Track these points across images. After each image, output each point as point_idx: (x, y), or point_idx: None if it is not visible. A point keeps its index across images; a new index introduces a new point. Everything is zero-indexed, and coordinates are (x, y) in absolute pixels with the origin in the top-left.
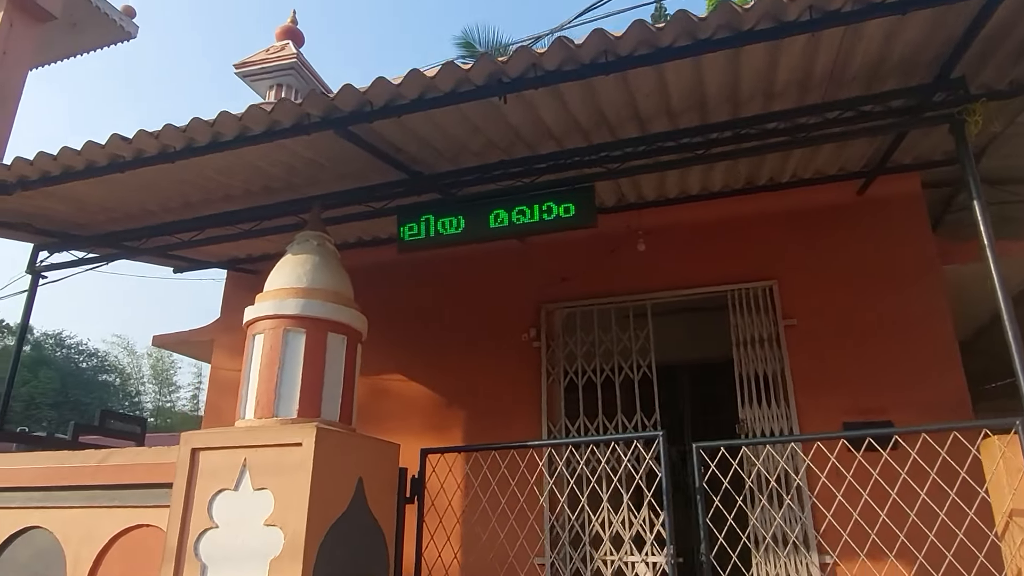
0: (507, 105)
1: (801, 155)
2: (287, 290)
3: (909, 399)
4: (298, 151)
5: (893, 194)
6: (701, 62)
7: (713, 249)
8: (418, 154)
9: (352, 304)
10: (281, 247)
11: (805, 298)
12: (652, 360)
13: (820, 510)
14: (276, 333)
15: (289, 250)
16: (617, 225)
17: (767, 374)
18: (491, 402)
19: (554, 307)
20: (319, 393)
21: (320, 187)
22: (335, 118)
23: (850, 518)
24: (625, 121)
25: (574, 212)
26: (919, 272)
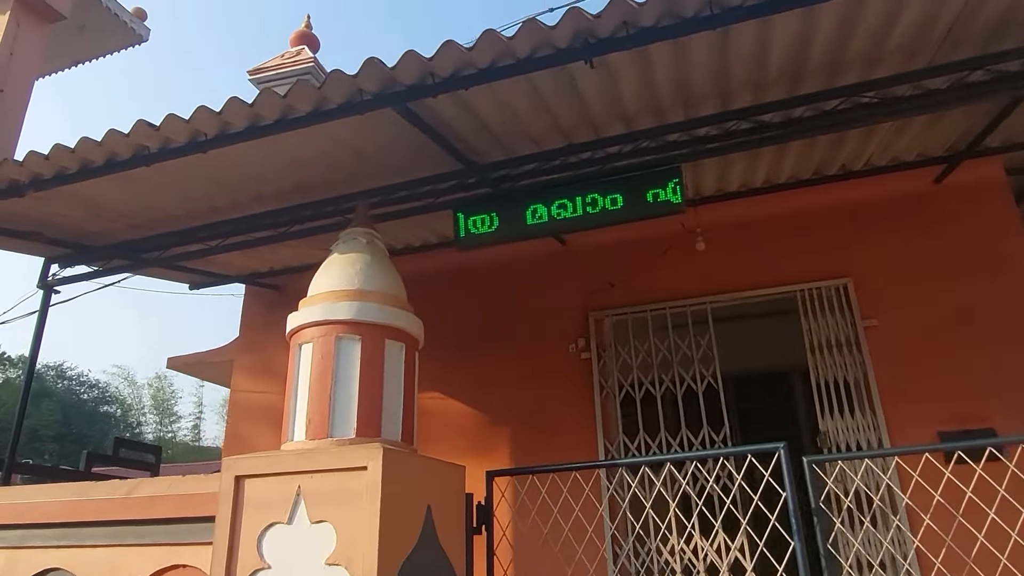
0: (583, 77)
1: (883, 137)
2: (337, 292)
3: (1010, 402)
4: (342, 138)
5: (974, 181)
6: (814, 13)
7: (778, 246)
8: (474, 140)
9: (408, 307)
10: (309, 257)
11: (884, 296)
12: (717, 369)
13: (917, 529)
14: (327, 341)
15: (335, 249)
16: (670, 223)
17: (848, 381)
18: (539, 420)
19: (603, 315)
20: (379, 409)
21: (358, 184)
22: (392, 93)
23: (944, 542)
24: (708, 96)
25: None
26: (1010, 264)
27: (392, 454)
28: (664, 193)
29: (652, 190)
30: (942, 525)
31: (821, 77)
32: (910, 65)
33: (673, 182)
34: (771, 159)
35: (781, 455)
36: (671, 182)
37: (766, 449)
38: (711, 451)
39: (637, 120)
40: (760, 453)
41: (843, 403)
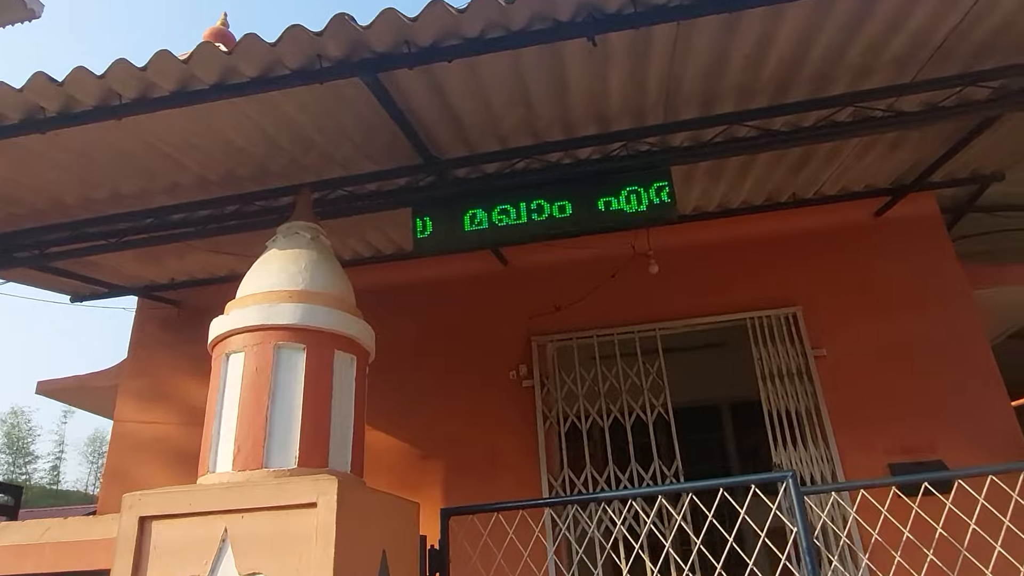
0: (574, 63)
1: (844, 161)
2: (278, 293)
3: (957, 433)
4: (287, 118)
5: (912, 216)
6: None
7: (728, 273)
8: (440, 131)
9: (359, 314)
10: (221, 267)
11: (832, 326)
12: (667, 399)
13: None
14: (263, 351)
15: (273, 245)
16: (618, 245)
17: (799, 411)
18: (476, 453)
19: (546, 340)
20: (326, 433)
21: (297, 175)
22: (361, 60)
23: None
24: (694, 98)
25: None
26: (950, 296)
27: (348, 488)
28: (633, 200)
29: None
30: (904, 558)
31: (809, 86)
32: (899, 79)
33: (656, 186)
34: (731, 179)
35: (790, 485)
36: (655, 185)
37: (772, 479)
38: (711, 482)
39: (616, 121)
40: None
41: (796, 434)
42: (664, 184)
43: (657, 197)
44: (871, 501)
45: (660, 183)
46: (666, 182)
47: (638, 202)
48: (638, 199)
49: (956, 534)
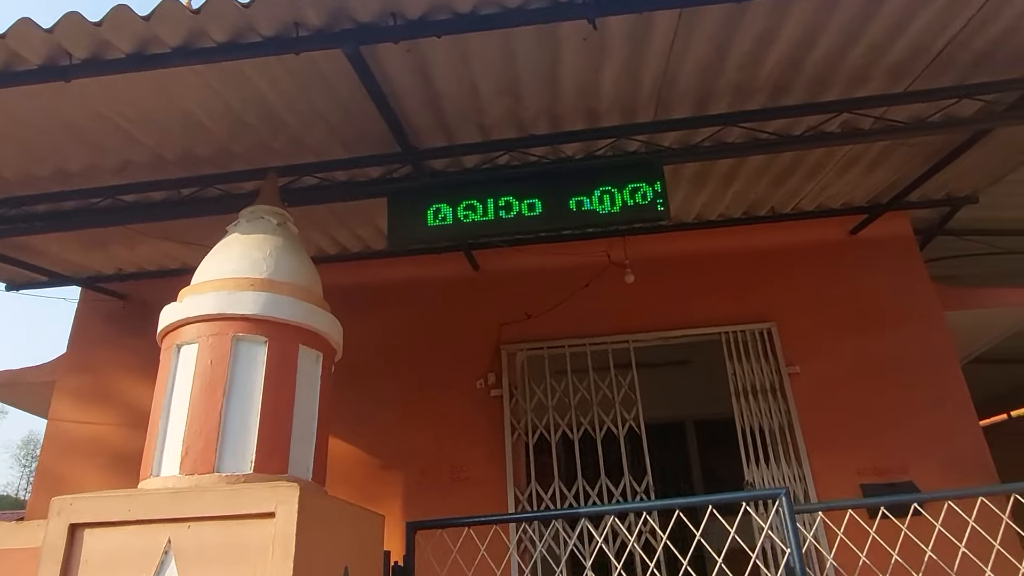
0: (570, 48)
1: (825, 177)
2: (238, 280)
3: (928, 454)
4: (257, 93)
5: (885, 235)
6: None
7: (703, 286)
8: (421, 117)
9: (327, 306)
10: (172, 259)
11: (806, 343)
12: (640, 412)
13: None
14: (220, 342)
15: (235, 230)
16: (593, 253)
17: (773, 429)
18: (441, 464)
19: (516, 348)
20: (287, 435)
21: (263, 158)
22: (342, 31)
23: None
24: (688, 93)
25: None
26: (923, 317)
27: (310, 497)
28: (607, 201)
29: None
30: None
31: (805, 90)
32: (894, 87)
33: (631, 187)
34: (713, 189)
35: (783, 503)
36: (630, 186)
37: (764, 496)
38: (701, 498)
39: (605, 116)
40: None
41: (769, 452)
42: (639, 186)
43: (632, 199)
44: (857, 521)
45: (635, 184)
46: (642, 183)
47: (611, 203)
48: (611, 200)
49: (944, 556)
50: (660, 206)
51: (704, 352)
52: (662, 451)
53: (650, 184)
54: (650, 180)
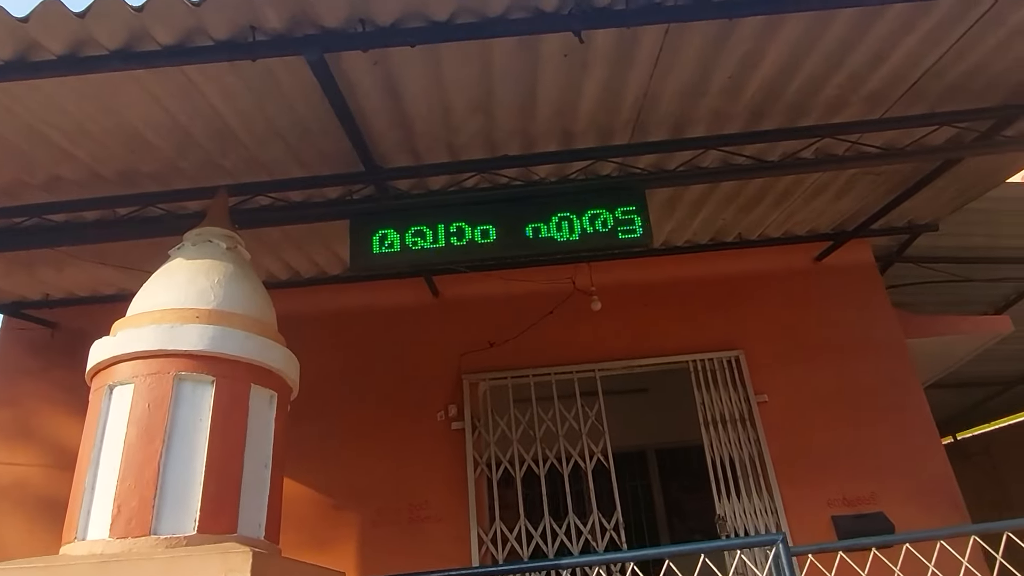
0: (550, 66)
1: (792, 204)
2: (182, 312)
3: (896, 483)
4: (208, 104)
5: (849, 262)
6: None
7: (670, 313)
8: (388, 135)
9: (282, 340)
10: (106, 285)
11: (774, 371)
12: (607, 444)
13: None
14: (160, 383)
15: (178, 254)
16: (558, 280)
17: (743, 460)
18: (399, 503)
19: (478, 378)
20: (236, 489)
21: (211, 179)
22: (305, 36)
23: None
24: (667, 117)
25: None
26: (887, 345)
27: (265, 562)
28: (565, 228)
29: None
30: None
31: (784, 116)
32: (869, 114)
33: (591, 213)
34: (682, 215)
35: (780, 549)
36: (589, 212)
37: (761, 542)
38: (692, 546)
39: (580, 139)
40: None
41: (739, 483)
42: (599, 212)
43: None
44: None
45: (595, 211)
46: (602, 210)
47: (570, 231)
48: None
49: None
50: (639, 230)
51: (662, 380)
52: (624, 481)
53: (626, 208)
54: (628, 205)
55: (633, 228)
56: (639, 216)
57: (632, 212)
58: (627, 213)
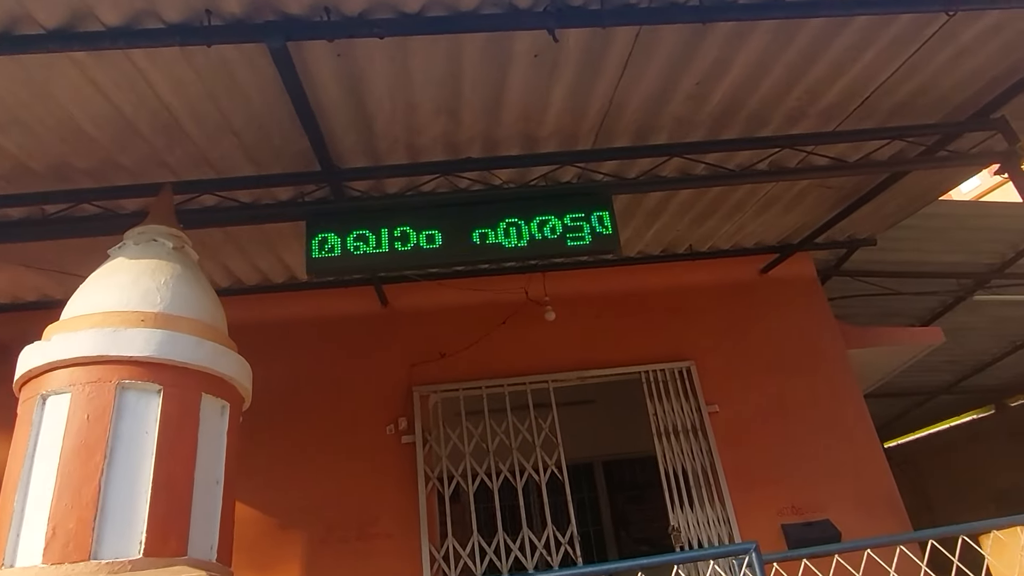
0: (521, 65)
1: (743, 217)
2: (125, 315)
3: (841, 492)
4: (159, 92)
5: (792, 275)
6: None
7: (623, 323)
8: (347, 133)
9: (234, 347)
10: (30, 289)
11: (724, 381)
12: (562, 456)
13: None
14: (101, 392)
15: (119, 253)
16: (511, 289)
17: (696, 470)
18: (347, 521)
19: (429, 390)
20: (186, 507)
21: (153, 176)
22: (266, 23)
23: None
24: (631, 123)
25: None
26: (830, 355)
27: None
28: (513, 234)
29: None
30: None
31: (744, 125)
32: (824, 127)
33: (539, 219)
34: (638, 225)
35: (753, 558)
36: (537, 219)
37: (734, 551)
38: (666, 557)
39: (543, 143)
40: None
41: (692, 494)
42: (548, 218)
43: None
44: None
45: (544, 217)
46: (551, 216)
47: (518, 237)
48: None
49: None
50: (587, 238)
51: (609, 392)
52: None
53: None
54: (593, 210)
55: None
56: (587, 223)
57: (581, 219)
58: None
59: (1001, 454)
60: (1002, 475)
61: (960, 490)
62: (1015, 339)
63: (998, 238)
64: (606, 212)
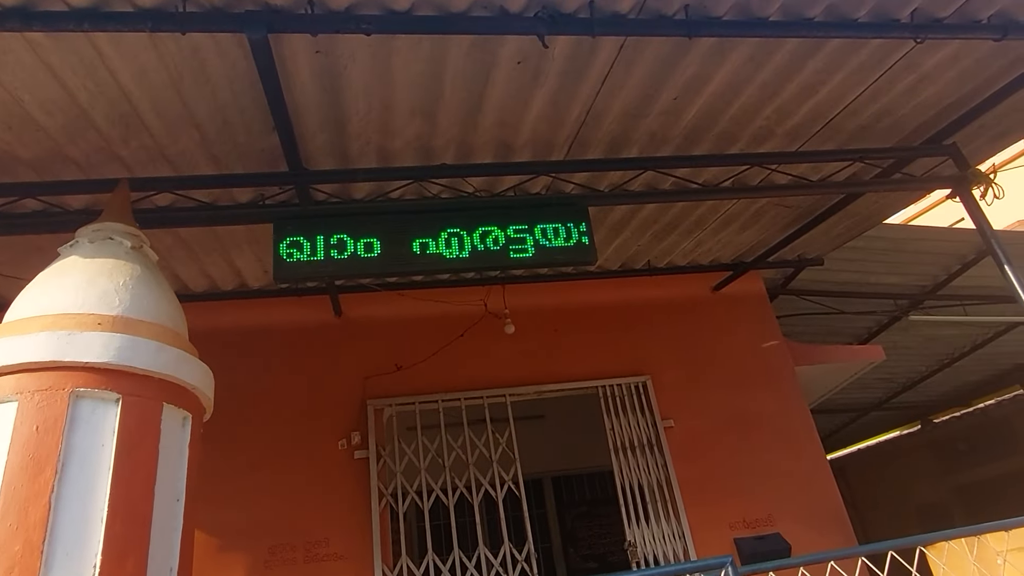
0: (505, 70)
1: (703, 235)
2: (80, 317)
3: (790, 504)
4: (120, 80)
5: (742, 293)
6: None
7: (580, 337)
8: (319, 134)
9: (196, 353)
10: None
11: (679, 397)
12: (519, 472)
13: None
14: (52, 401)
15: (72, 252)
16: (470, 301)
17: (652, 485)
18: (295, 540)
19: (384, 404)
20: (145, 528)
21: (104, 171)
22: (245, 12)
23: None
24: (606, 136)
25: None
26: (778, 372)
27: None
28: (455, 244)
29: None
30: None
31: (713, 142)
32: (789, 147)
33: (481, 230)
34: (600, 240)
35: (730, 572)
36: (480, 229)
37: (710, 565)
38: (640, 572)
39: (519, 152)
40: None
41: (648, 509)
42: (491, 230)
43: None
44: None
45: (487, 227)
46: (494, 227)
47: (460, 247)
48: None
49: None
50: (531, 250)
51: (559, 407)
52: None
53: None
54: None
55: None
56: (530, 236)
57: (524, 231)
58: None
59: (925, 469)
60: (925, 490)
61: (886, 504)
62: (943, 358)
63: (932, 261)
64: (584, 222)
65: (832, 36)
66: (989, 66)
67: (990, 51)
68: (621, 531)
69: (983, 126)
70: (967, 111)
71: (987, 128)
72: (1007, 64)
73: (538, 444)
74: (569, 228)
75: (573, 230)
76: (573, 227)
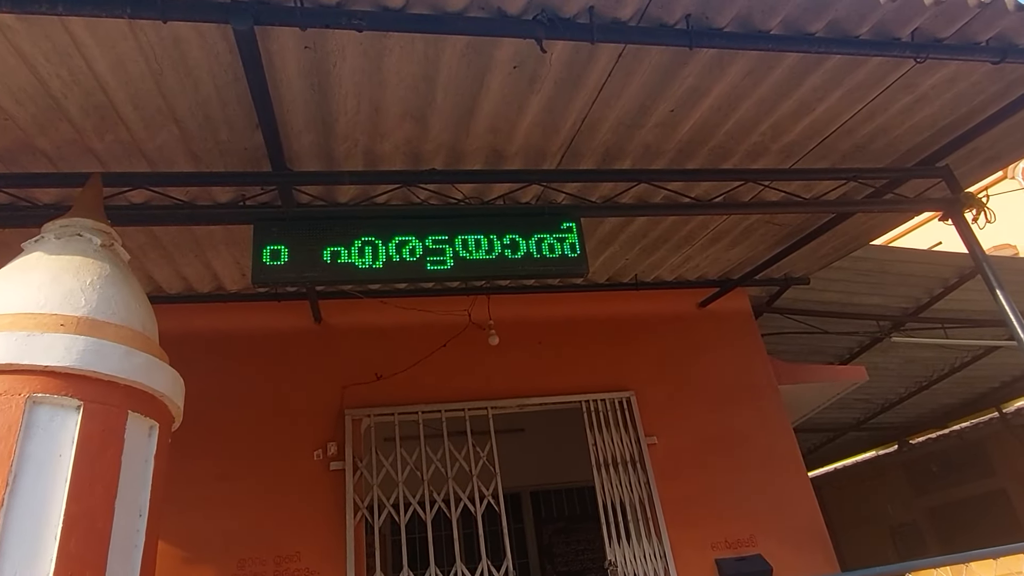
0: (499, 74)
1: (692, 250)
2: (40, 317)
3: (771, 526)
4: (96, 70)
5: (728, 310)
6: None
7: (565, 351)
8: (305, 134)
9: (167, 359)
10: None
11: (662, 413)
12: (499, 486)
13: None
14: (5, 407)
15: (36, 248)
16: (454, 311)
17: (634, 503)
18: (264, 554)
19: (362, 414)
20: (104, 545)
21: (75, 164)
22: (234, 2)
23: None
24: (600, 145)
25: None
26: (762, 390)
27: None
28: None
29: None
30: None
31: (706, 157)
32: (782, 164)
33: (461, 238)
34: (590, 251)
35: None
36: (460, 237)
37: None
38: None
39: (510, 159)
40: None
41: (630, 527)
42: (479, 238)
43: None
44: None
45: (475, 235)
46: (482, 235)
47: (445, 256)
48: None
49: None
50: (575, 252)
51: (539, 421)
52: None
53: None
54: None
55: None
56: (519, 246)
57: (513, 241)
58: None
59: (900, 490)
60: (899, 510)
61: (861, 523)
62: (921, 380)
63: (916, 283)
64: (575, 234)
65: (833, 52)
66: (985, 89)
67: (986, 74)
68: (599, 547)
69: (976, 149)
70: (961, 133)
71: (980, 151)
72: (1003, 87)
73: (517, 458)
74: (560, 239)
75: (564, 242)
76: (564, 238)
